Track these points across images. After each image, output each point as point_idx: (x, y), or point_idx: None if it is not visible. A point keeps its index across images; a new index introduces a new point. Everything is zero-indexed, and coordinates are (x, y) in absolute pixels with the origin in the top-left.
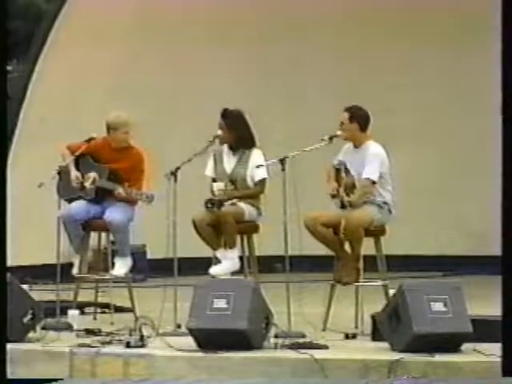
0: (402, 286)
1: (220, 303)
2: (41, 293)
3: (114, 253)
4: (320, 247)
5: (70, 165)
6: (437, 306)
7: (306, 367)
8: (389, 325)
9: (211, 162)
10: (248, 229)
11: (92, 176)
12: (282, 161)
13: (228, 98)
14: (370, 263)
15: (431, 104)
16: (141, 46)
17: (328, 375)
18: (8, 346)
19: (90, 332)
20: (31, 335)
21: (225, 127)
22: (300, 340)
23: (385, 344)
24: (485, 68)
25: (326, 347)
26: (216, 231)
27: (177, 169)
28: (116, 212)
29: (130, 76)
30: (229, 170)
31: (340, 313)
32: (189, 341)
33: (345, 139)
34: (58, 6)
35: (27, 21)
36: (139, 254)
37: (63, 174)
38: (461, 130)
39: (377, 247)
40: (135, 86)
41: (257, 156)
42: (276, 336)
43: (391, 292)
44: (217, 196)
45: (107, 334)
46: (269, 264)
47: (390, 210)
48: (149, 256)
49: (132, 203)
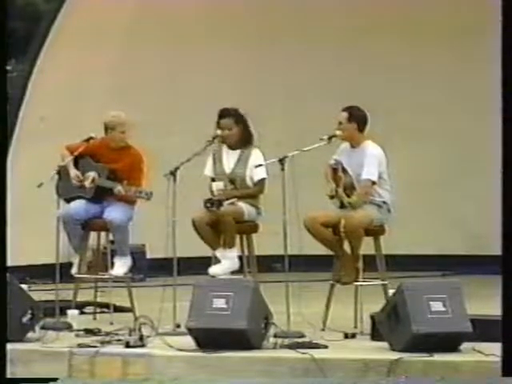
0: (402, 286)
1: (219, 303)
2: (40, 293)
3: (114, 252)
4: (319, 247)
5: (69, 164)
6: (436, 306)
7: (306, 367)
8: (388, 324)
9: (210, 162)
10: (247, 228)
11: (91, 175)
12: (282, 160)
13: (227, 98)
14: (370, 263)
15: (431, 104)
16: (140, 46)
17: (327, 375)
18: (7, 346)
19: (90, 332)
20: (30, 335)
21: (229, 126)
22: (299, 340)
23: (384, 344)
24: (485, 68)
25: (326, 347)
26: (215, 231)
27: (176, 169)
28: (115, 211)
29: (129, 76)
30: (228, 170)
31: (339, 312)
32: (188, 340)
33: (343, 139)
34: (57, 6)
35: (26, 21)
36: (139, 254)
37: (62, 174)
38: (461, 130)
39: (376, 247)
40: (134, 86)
41: (256, 156)
42: (275, 336)
43: (390, 292)
44: (216, 196)
45: (107, 334)
46: (268, 264)
47: (389, 210)
48: (148, 256)
49: (131, 203)
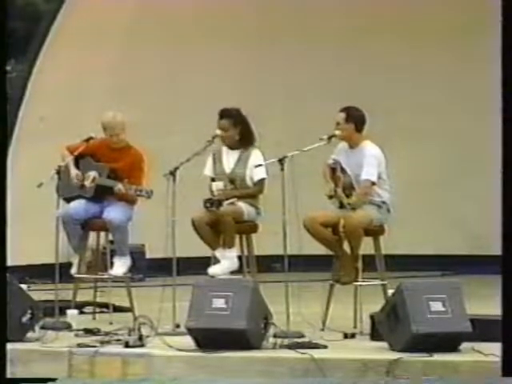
0: (401, 286)
1: (219, 303)
2: (39, 292)
3: (113, 252)
4: (319, 247)
5: (70, 164)
6: (436, 306)
7: (305, 367)
8: (387, 324)
9: (210, 162)
10: (247, 228)
11: (92, 175)
12: (281, 160)
13: (227, 98)
14: (369, 263)
15: (431, 104)
16: (140, 46)
17: (327, 375)
18: (7, 346)
19: (89, 332)
20: (30, 335)
21: (227, 127)
22: (299, 340)
23: (384, 343)
24: (485, 68)
25: (325, 347)
26: (215, 231)
27: (176, 169)
28: (115, 211)
29: (129, 76)
30: (228, 170)
31: (339, 312)
32: (188, 340)
33: (341, 139)
34: (57, 6)
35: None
36: (138, 254)
37: (62, 174)
38: (461, 130)
39: (376, 247)
40: (134, 86)
41: (256, 156)
42: (275, 336)
43: (390, 292)
44: (216, 196)
45: (106, 334)
46: (268, 264)
47: (389, 210)
48: (148, 255)
49: (131, 202)
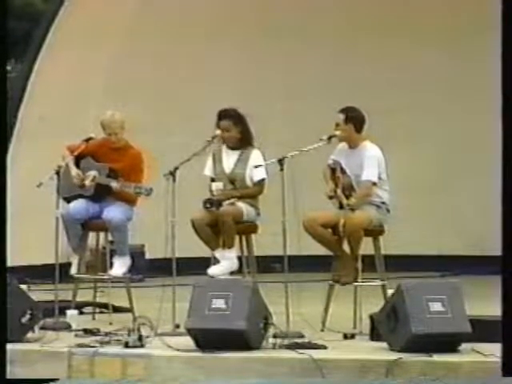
0: (401, 286)
1: (218, 303)
2: (39, 293)
3: (113, 252)
4: (318, 247)
5: (70, 163)
6: (435, 306)
7: (305, 367)
8: (387, 325)
9: (210, 162)
10: (247, 229)
11: (92, 174)
12: (281, 161)
13: (227, 98)
14: (369, 263)
15: (431, 104)
16: (139, 46)
17: (326, 375)
18: (7, 346)
19: (89, 332)
20: (30, 335)
21: (227, 127)
22: (298, 340)
23: (383, 344)
24: (485, 68)
25: (325, 347)
26: (215, 231)
27: (175, 169)
28: (115, 211)
29: (129, 76)
30: (228, 170)
31: (338, 313)
32: (187, 341)
33: (341, 140)
34: (56, 6)
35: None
36: (138, 254)
37: (62, 174)
38: (461, 130)
39: (375, 247)
40: (133, 86)
41: (256, 156)
42: (274, 336)
43: (390, 292)
44: (216, 196)
45: (106, 334)
46: (267, 264)
47: (388, 210)
48: (147, 256)
49: (131, 202)
